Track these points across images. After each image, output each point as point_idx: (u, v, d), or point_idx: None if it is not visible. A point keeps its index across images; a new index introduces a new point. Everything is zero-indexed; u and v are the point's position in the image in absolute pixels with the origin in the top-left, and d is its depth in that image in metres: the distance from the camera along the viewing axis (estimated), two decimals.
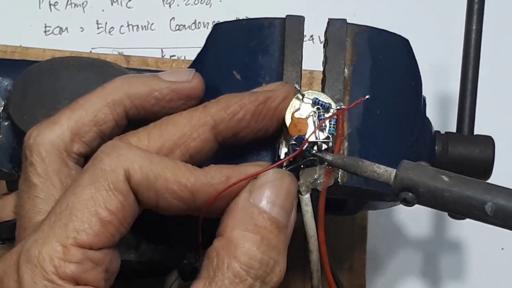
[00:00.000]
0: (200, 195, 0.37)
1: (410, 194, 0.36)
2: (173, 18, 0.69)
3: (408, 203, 0.36)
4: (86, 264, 0.35)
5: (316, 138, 0.39)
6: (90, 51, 0.66)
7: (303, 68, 0.42)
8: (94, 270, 0.35)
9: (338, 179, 0.40)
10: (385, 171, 0.37)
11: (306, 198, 0.39)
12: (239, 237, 0.36)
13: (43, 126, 0.39)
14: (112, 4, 0.69)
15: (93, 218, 0.35)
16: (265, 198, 0.37)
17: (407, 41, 0.44)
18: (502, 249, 0.63)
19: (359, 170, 0.37)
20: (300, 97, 0.40)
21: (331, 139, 0.39)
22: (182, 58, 0.67)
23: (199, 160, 0.38)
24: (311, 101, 0.40)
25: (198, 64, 0.43)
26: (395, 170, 0.37)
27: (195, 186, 0.36)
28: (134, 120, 0.40)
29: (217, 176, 0.37)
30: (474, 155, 0.47)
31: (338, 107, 0.39)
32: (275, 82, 0.41)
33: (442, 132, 0.48)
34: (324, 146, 0.39)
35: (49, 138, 0.38)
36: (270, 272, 0.36)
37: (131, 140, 0.38)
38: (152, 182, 0.36)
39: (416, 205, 0.37)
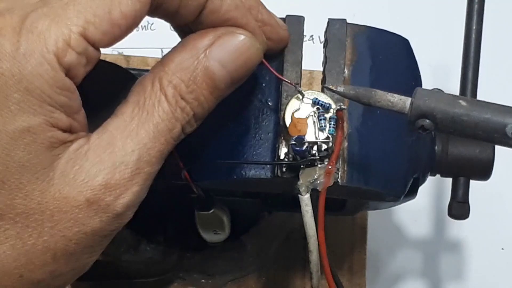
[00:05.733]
0: None
1: (427, 121, 0.35)
2: None
3: (425, 130, 0.35)
4: (83, 58, 0.34)
5: (316, 138, 0.39)
6: None
7: (303, 68, 0.42)
8: (84, 67, 0.35)
9: (338, 179, 0.40)
10: (399, 100, 0.36)
11: (306, 198, 0.39)
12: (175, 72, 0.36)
13: None
14: None
15: (106, 16, 0.34)
16: (218, 56, 0.37)
17: (407, 41, 0.44)
18: (502, 249, 0.63)
19: (373, 100, 0.36)
20: (300, 97, 0.40)
21: (331, 139, 0.39)
22: None
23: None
24: (311, 101, 0.40)
25: None
26: (410, 98, 0.36)
27: None
28: None
29: None
30: (474, 155, 0.47)
31: (338, 107, 0.39)
32: (275, 81, 0.41)
33: None
34: (324, 146, 0.39)
35: None
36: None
37: None
38: None
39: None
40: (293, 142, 0.39)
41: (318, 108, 0.39)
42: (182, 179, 0.41)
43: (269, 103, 0.41)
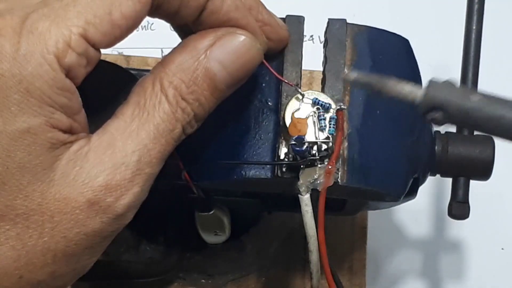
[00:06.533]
0: None
1: (440, 113, 0.34)
2: None
3: (438, 122, 0.35)
4: (83, 59, 0.34)
5: (316, 138, 0.39)
6: None
7: (303, 68, 0.42)
8: (84, 68, 0.35)
9: (338, 179, 0.40)
10: (412, 90, 0.35)
11: (306, 198, 0.39)
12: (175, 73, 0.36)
13: None
14: None
15: (106, 17, 0.34)
16: (218, 57, 0.37)
17: (407, 41, 0.44)
18: (502, 249, 0.63)
19: (385, 89, 0.35)
20: (300, 97, 0.40)
21: (331, 139, 0.39)
22: None
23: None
24: (311, 101, 0.40)
25: None
26: (423, 89, 0.35)
27: None
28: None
29: None
30: (474, 155, 0.47)
31: (338, 107, 0.39)
32: (275, 81, 0.41)
33: (442, 132, 0.48)
34: (324, 146, 0.39)
35: None
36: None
37: None
38: None
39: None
40: (293, 142, 0.39)
41: (318, 108, 0.39)
42: (182, 180, 0.41)
43: (269, 103, 0.41)
